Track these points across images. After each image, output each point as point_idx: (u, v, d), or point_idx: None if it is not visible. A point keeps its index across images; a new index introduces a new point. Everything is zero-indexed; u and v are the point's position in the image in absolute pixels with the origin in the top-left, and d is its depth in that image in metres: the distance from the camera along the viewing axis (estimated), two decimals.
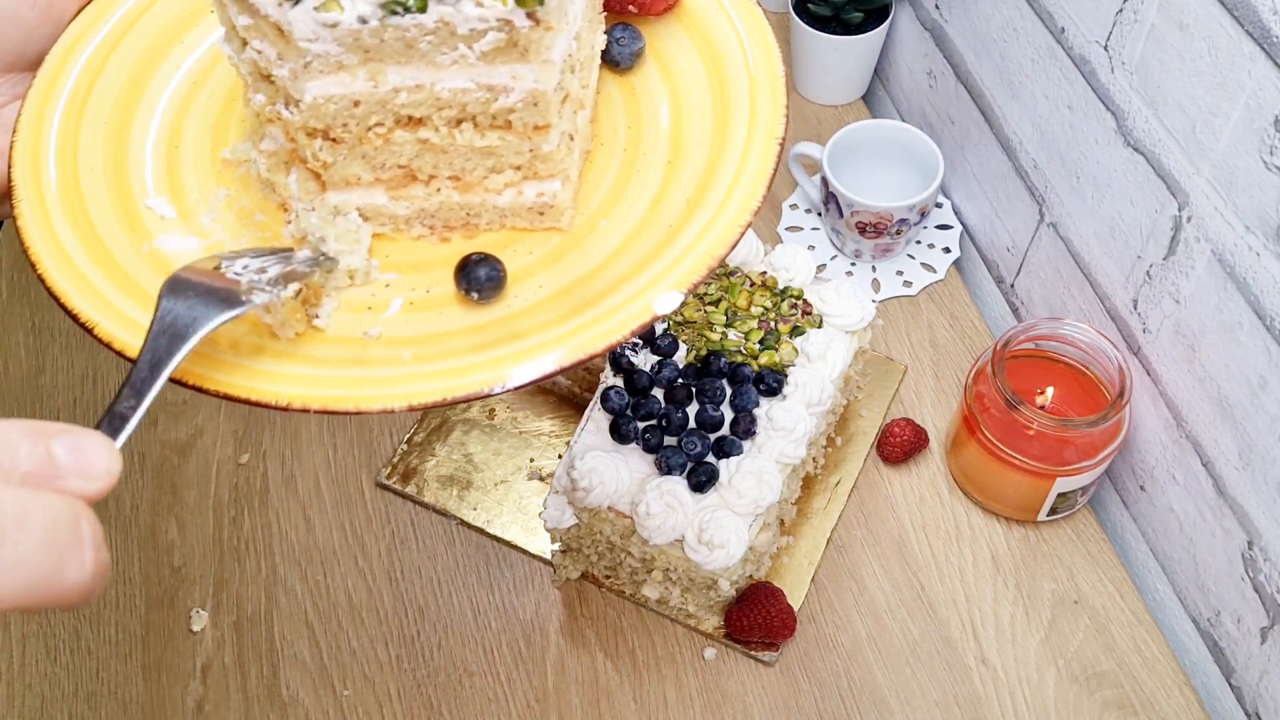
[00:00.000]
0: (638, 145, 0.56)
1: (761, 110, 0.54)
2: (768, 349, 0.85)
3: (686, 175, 0.53)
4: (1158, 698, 0.83)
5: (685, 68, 0.58)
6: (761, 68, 0.56)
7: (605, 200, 0.54)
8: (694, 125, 0.55)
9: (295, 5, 0.44)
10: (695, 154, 0.54)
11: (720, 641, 0.86)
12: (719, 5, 0.59)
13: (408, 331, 0.50)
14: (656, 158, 0.55)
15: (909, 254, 1.09)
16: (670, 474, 0.79)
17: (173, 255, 0.52)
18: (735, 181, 0.52)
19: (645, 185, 0.54)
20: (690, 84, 0.57)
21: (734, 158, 0.53)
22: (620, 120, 0.57)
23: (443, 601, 0.89)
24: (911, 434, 0.94)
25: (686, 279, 0.48)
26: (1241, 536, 0.79)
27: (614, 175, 0.55)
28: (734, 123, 0.54)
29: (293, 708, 0.84)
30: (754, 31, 0.58)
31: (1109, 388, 0.87)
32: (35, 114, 0.54)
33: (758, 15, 0.58)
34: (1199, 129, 0.74)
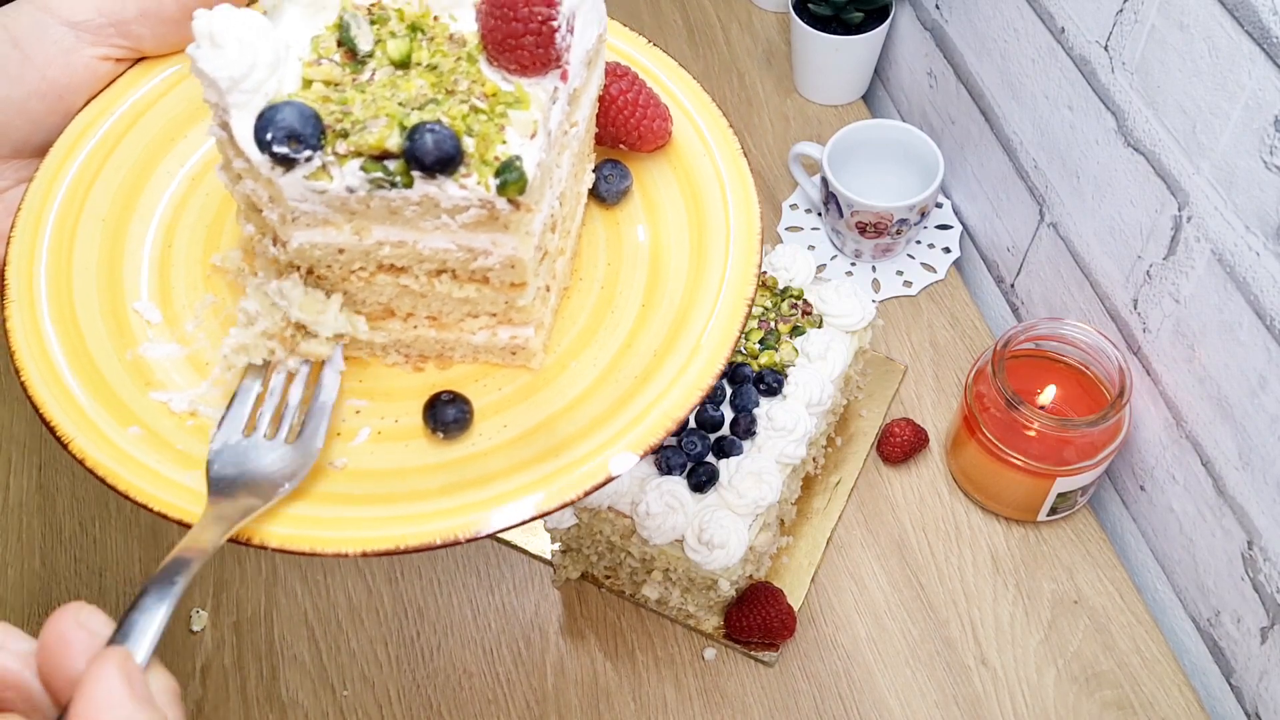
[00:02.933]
0: (615, 284, 0.57)
1: (734, 267, 0.55)
2: (768, 349, 0.85)
3: (657, 323, 0.54)
4: (1158, 698, 0.83)
5: (669, 208, 0.59)
6: (740, 219, 0.58)
7: (577, 340, 0.55)
8: (670, 271, 0.56)
9: (287, 172, 0.45)
10: (668, 301, 0.55)
11: (720, 641, 0.86)
12: (705, 150, 0.60)
13: (373, 464, 0.50)
14: (631, 299, 0.56)
15: (909, 254, 1.09)
16: (670, 474, 0.79)
17: (154, 362, 0.52)
18: (700, 340, 0.53)
19: (618, 328, 0.55)
20: (672, 226, 0.58)
21: (703, 314, 0.54)
22: (601, 256, 0.58)
23: (442, 602, 0.89)
24: (911, 434, 0.94)
25: (644, 441, 0.49)
26: (1241, 536, 0.79)
27: (589, 314, 0.56)
28: (708, 277, 0.55)
29: (292, 709, 0.84)
30: (737, 181, 0.59)
31: (1109, 388, 0.87)
32: (34, 210, 0.54)
33: (741, 166, 0.59)
34: (1199, 129, 0.74)
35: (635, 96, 0.58)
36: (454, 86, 0.47)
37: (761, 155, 1.18)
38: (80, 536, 0.92)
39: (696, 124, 0.61)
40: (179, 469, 0.48)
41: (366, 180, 0.45)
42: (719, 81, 1.24)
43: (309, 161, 0.45)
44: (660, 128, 0.59)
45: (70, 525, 0.93)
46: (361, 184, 0.46)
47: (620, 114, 0.58)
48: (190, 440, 0.50)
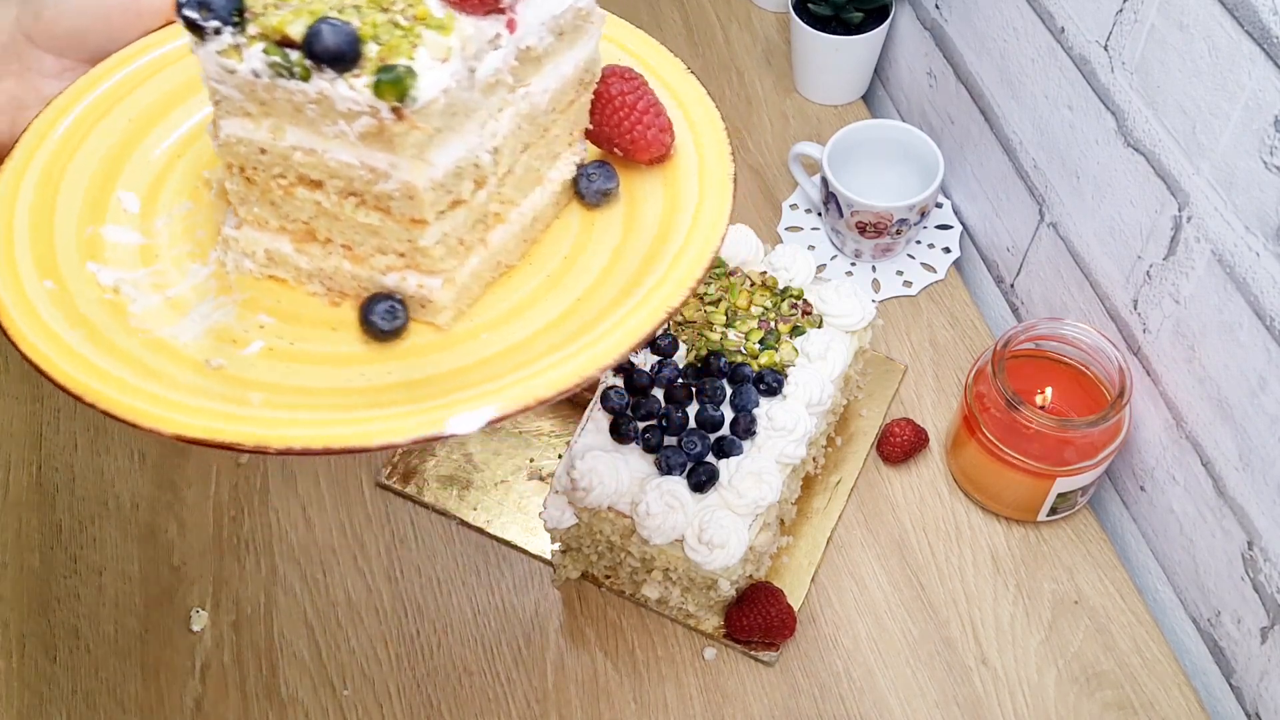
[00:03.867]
0: (562, 277, 0.56)
1: (668, 282, 0.53)
2: (768, 349, 0.85)
3: (578, 319, 0.54)
4: (1158, 698, 0.83)
5: (648, 222, 0.58)
6: (697, 241, 0.55)
7: (501, 316, 0.55)
8: (619, 275, 0.56)
9: (201, 44, 0.48)
10: (599, 301, 0.54)
11: (720, 641, 0.86)
12: (697, 168, 0.59)
13: (252, 375, 0.51)
14: (571, 292, 0.55)
15: (909, 254, 1.09)
16: (670, 474, 0.79)
17: (109, 242, 0.55)
18: (598, 340, 0.51)
19: (543, 314, 0.54)
20: (643, 238, 0.57)
21: (616, 320, 0.52)
22: (562, 250, 0.58)
23: (442, 601, 0.89)
24: (911, 434, 0.94)
25: (500, 406, 0.48)
26: (1241, 537, 0.79)
27: (523, 296, 0.56)
28: (641, 285, 0.54)
29: (292, 707, 0.84)
30: (713, 204, 0.57)
31: (1109, 388, 0.87)
32: (66, 101, 0.58)
33: (725, 192, 0.57)
34: (1199, 129, 0.74)
35: (635, 101, 0.57)
36: (390, 5, 0.48)
37: (761, 155, 1.18)
38: (79, 534, 0.92)
39: (699, 139, 0.60)
40: (68, 327, 0.50)
41: (268, 65, 0.47)
42: (718, 81, 1.24)
43: (219, 35, 0.47)
44: (655, 139, 0.58)
45: (69, 523, 0.93)
46: (264, 69, 0.47)
47: (615, 115, 0.57)
48: (96, 308, 0.51)
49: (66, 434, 0.98)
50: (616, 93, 0.57)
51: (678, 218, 0.57)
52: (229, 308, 0.54)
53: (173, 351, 0.51)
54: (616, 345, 0.50)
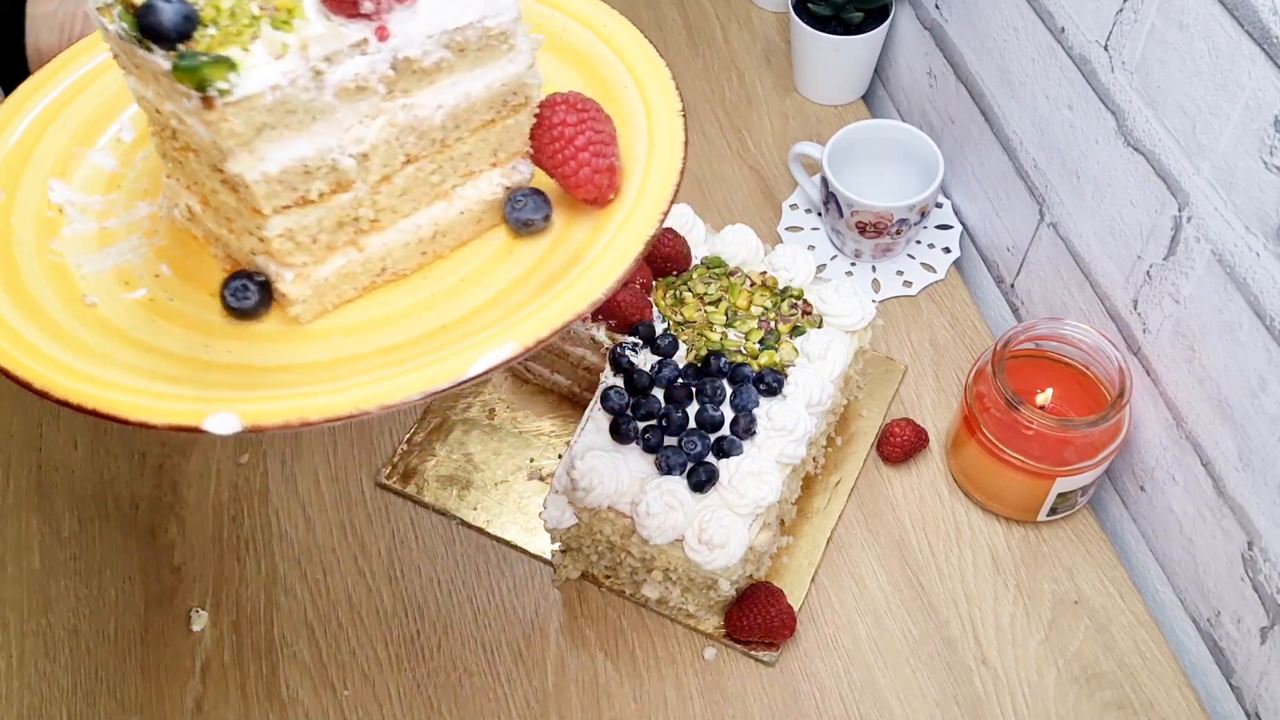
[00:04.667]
0: (452, 297, 0.55)
1: (543, 312, 0.50)
2: (768, 349, 0.85)
3: (441, 340, 0.52)
4: (1158, 698, 0.83)
5: (565, 254, 0.55)
6: (581, 286, 0.52)
7: (364, 323, 0.54)
8: (506, 304, 0.53)
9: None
10: (474, 325, 0.52)
11: (720, 641, 0.86)
12: (625, 220, 0.54)
13: (119, 322, 0.52)
14: (450, 313, 0.54)
15: (909, 254, 1.09)
16: (670, 474, 0.79)
17: (86, 166, 0.57)
18: (436, 362, 0.49)
19: (410, 329, 0.53)
20: (549, 269, 0.55)
21: (469, 345, 0.50)
22: (461, 271, 0.56)
23: (442, 601, 0.89)
24: (911, 434, 0.94)
25: (255, 418, 0.47)
26: (1241, 537, 0.79)
27: (400, 308, 0.54)
28: (516, 314, 0.51)
29: (292, 707, 0.84)
30: (620, 247, 0.53)
31: (1109, 388, 0.87)
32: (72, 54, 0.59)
33: (633, 252, 0.53)
34: (1199, 129, 0.74)
35: (575, 135, 0.54)
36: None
37: (761, 155, 1.18)
38: (79, 534, 0.92)
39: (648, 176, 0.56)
40: None
41: (122, 30, 0.47)
42: (718, 81, 1.24)
43: None
44: (588, 179, 0.54)
45: (69, 523, 0.93)
46: (120, 32, 0.47)
47: (552, 145, 0.55)
48: (27, 221, 0.54)
49: (66, 434, 0.98)
50: (558, 122, 0.55)
51: (589, 252, 0.54)
52: (143, 250, 0.55)
53: (65, 281, 0.52)
54: (448, 372, 0.48)
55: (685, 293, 0.88)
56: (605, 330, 0.87)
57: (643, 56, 0.60)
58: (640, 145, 0.57)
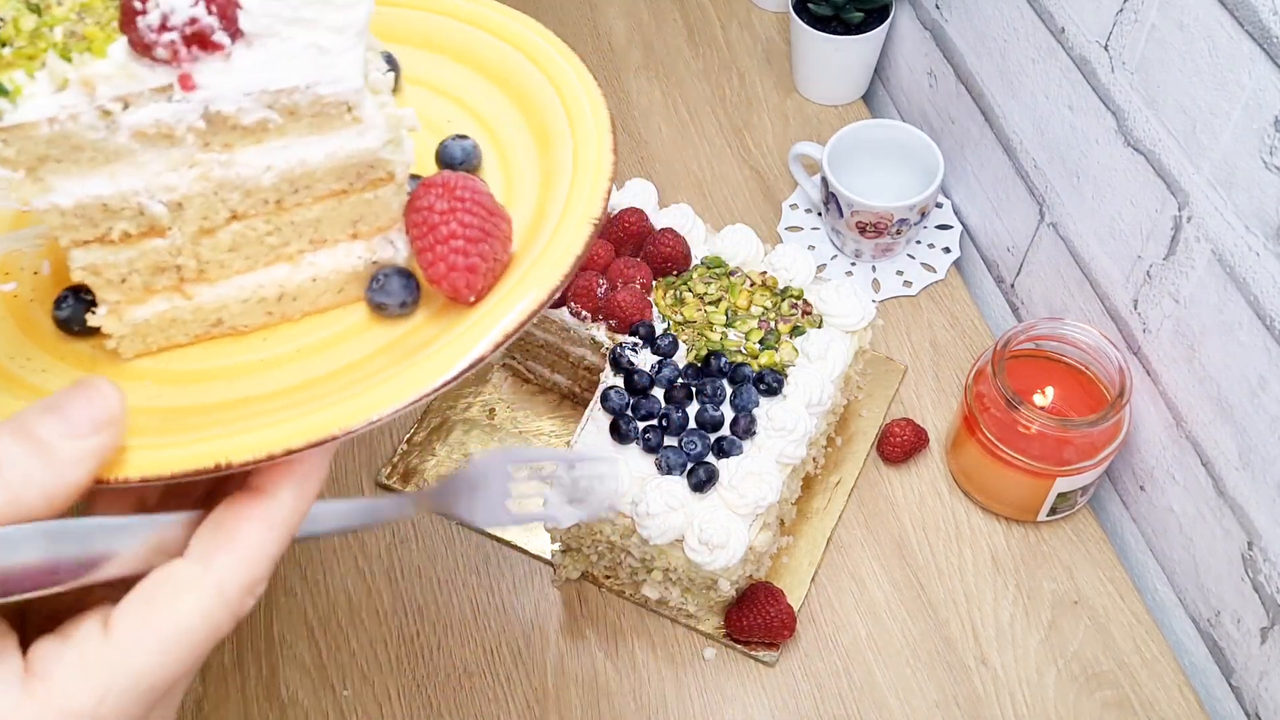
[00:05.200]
0: (282, 364, 0.50)
1: (309, 407, 0.46)
2: (768, 349, 0.85)
3: (248, 411, 0.47)
4: (1158, 698, 0.83)
5: (414, 342, 0.50)
6: (400, 385, 0.46)
7: (181, 374, 0.50)
8: (337, 385, 0.48)
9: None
10: (291, 400, 0.47)
11: (720, 641, 0.86)
12: (488, 312, 0.48)
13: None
14: (270, 383, 0.49)
15: (909, 254, 1.09)
16: (670, 474, 0.79)
17: None
18: (204, 440, 0.45)
19: (222, 392, 0.49)
20: (397, 353, 0.50)
21: (266, 423, 0.45)
22: (305, 340, 0.52)
23: (442, 601, 0.89)
24: (911, 434, 0.94)
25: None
26: (1241, 536, 0.79)
27: (221, 365, 0.51)
28: (332, 395, 0.47)
29: (292, 708, 0.84)
30: (468, 343, 0.47)
31: (1109, 388, 0.87)
32: None
33: (470, 352, 0.47)
34: (1199, 129, 0.74)
35: (440, 222, 0.48)
36: (87, 15, 0.45)
37: (761, 155, 1.18)
38: None
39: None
40: None
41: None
42: (718, 81, 1.24)
43: None
44: (445, 276, 0.48)
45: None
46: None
47: (417, 230, 0.49)
48: None
49: None
50: (424, 206, 0.49)
51: (439, 340, 0.48)
52: (41, 243, 0.53)
53: None
54: (235, 449, 0.43)
55: (685, 293, 0.88)
56: (605, 330, 0.87)
57: (581, 91, 0.56)
58: (553, 211, 0.52)
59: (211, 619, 0.40)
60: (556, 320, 0.90)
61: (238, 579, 0.41)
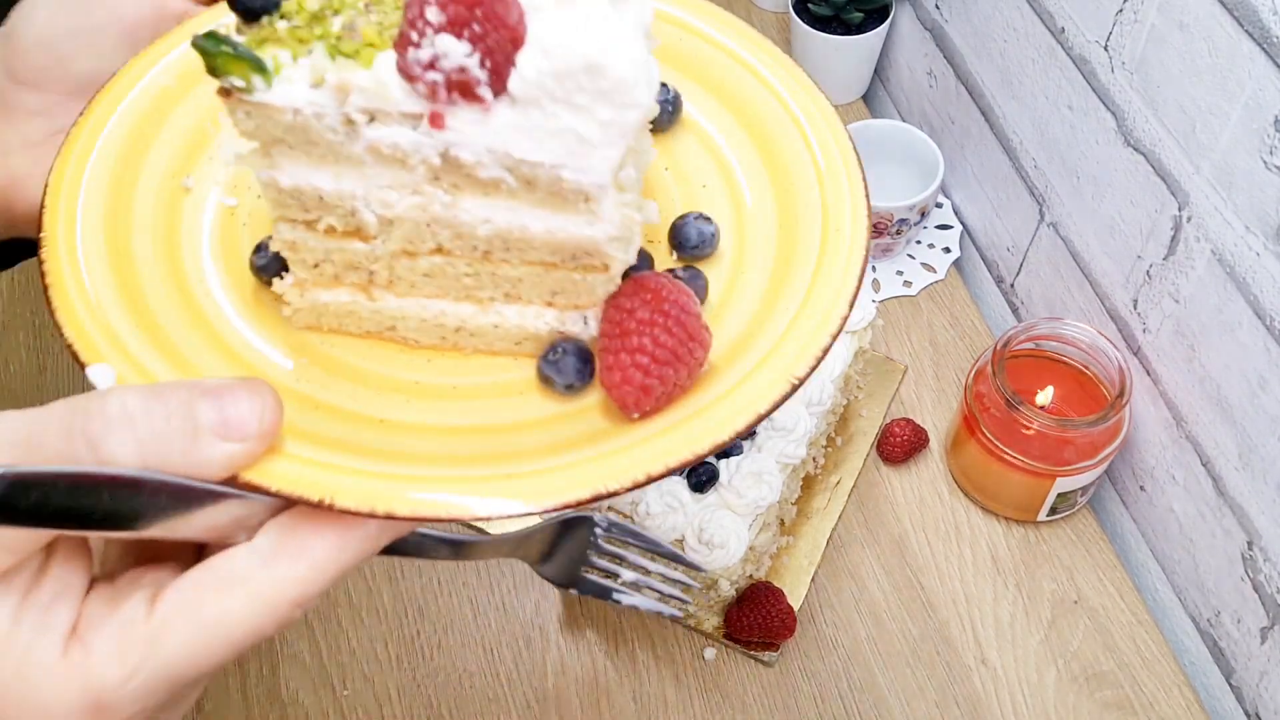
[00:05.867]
0: (429, 396, 0.50)
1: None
2: None
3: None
4: (1158, 698, 0.83)
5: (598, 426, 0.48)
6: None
7: (341, 364, 0.51)
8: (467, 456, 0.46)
9: None
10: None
11: (720, 641, 0.86)
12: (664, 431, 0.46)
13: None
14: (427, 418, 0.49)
15: (909, 254, 1.09)
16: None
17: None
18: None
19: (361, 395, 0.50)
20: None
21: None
22: (462, 380, 0.51)
23: (442, 601, 0.89)
24: (911, 434, 0.94)
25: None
26: (1241, 536, 0.79)
27: (385, 370, 0.51)
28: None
29: (292, 707, 0.84)
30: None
31: (1109, 388, 0.87)
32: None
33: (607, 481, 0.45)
34: (1199, 129, 0.74)
35: (631, 331, 0.46)
36: (374, 9, 0.44)
37: None
38: None
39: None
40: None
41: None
42: None
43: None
44: (616, 387, 0.45)
45: None
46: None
47: (606, 325, 0.48)
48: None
49: None
50: (623, 306, 0.47)
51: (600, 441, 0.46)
52: None
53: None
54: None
55: None
56: None
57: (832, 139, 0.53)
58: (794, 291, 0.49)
59: (256, 621, 0.38)
60: None
61: (294, 590, 0.38)
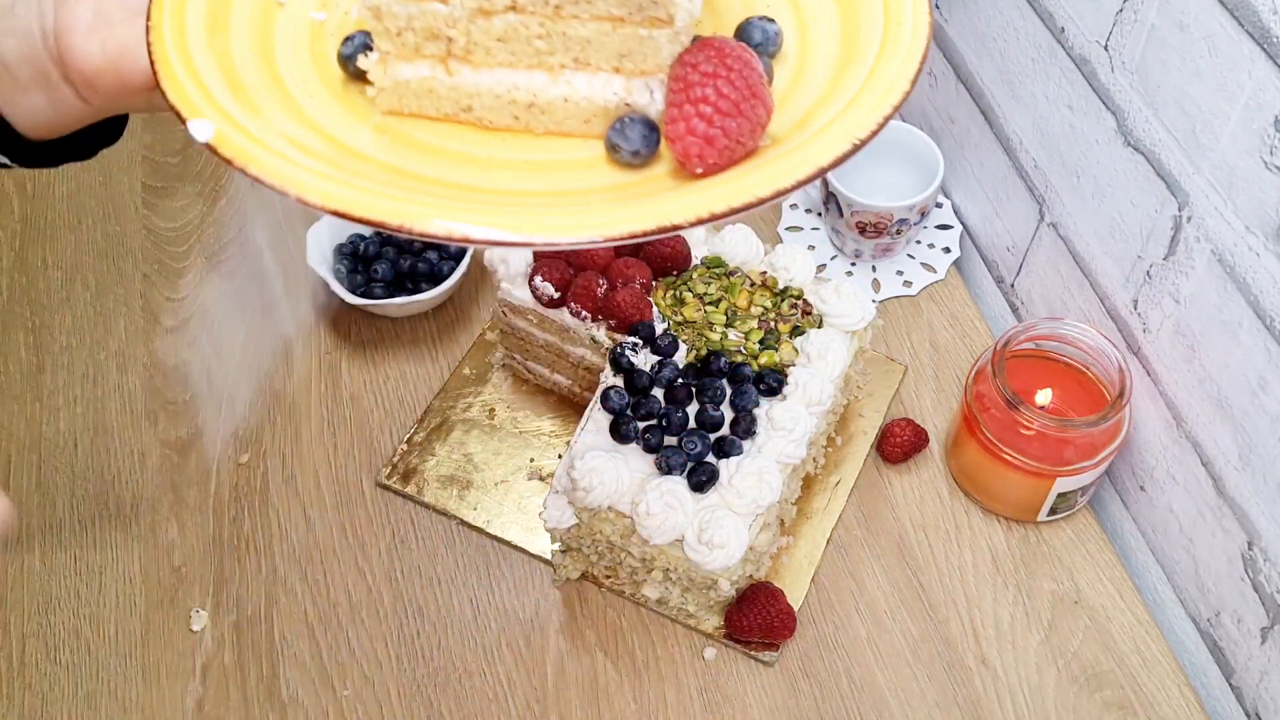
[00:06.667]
0: (502, 168, 0.52)
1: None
2: (768, 349, 0.85)
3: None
4: (1158, 698, 0.83)
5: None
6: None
7: (420, 143, 0.53)
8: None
9: None
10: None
11: (720, 641, 0.86)
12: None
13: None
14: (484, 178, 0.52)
15: (909, 254, 1.09)
16: (670, 474, 0.79)
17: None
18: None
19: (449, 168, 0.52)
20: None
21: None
22: (529, 156, 0.53)
23: (443, 601, 0.89)
24: (911, 434, 0.94)
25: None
26: (1241, 536, 0.79)
27: (461, 147, 0.53)
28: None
29: (292, 707, 0.84)
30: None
31: (1109, 388, 0.87)
32: None
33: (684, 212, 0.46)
34: (1199, 129, 0.74)
35: (695, 84, 0.46)
36: None
37: None
38: (79, 535, 0.92)
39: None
40: None
41: None
42: None
43: None
44: (681, 138, 0.46)
45: (69, 523, 0.93)
46: None
47: (673, 84, 0.48)
48: None
49: (66, 434, 0.98)
50: (688, 62, 0.47)
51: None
52: None
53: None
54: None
55: (685, 293, 0.88)
56: (605, 330, 0.87)
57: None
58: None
59: None
60: (556, 320, 0.90)
61: None
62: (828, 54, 0.53)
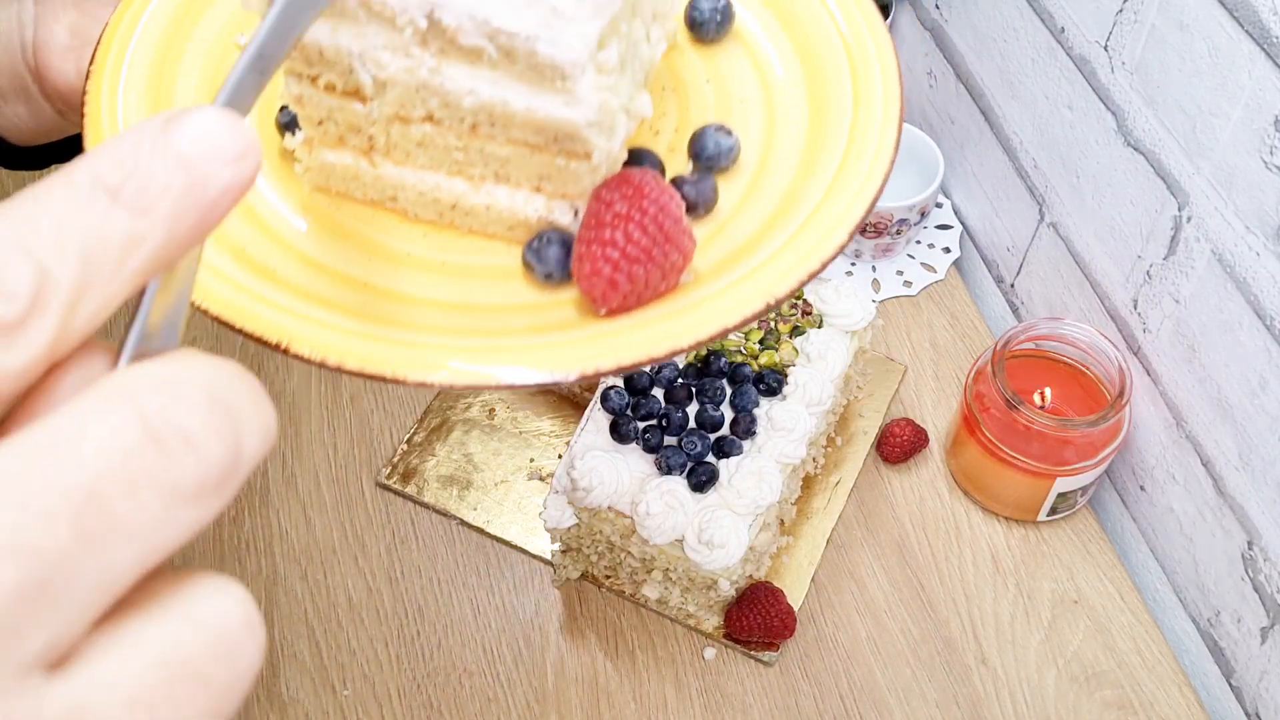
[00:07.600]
0: (419, 269, 0.52)
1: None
2: (768, 349, 0.85)
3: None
4: (1158, 698, 0.83)
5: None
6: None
7: (345, 229, 0.53)
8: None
9: None
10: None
11: (720, 641, 0.86)
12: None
13: None
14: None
15: (909, 254, 1.09)
16: (670, 474, 0.79)
17: None
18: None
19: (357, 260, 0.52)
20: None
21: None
22: (449, 258, 0.52)
23: (442, 601, 0.89)
24: (911, 434, 0.94)
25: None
26: (1241, 536, 0.79)
27: (384, 238, 0.53)
28: None
29: (292, 707, 0.84)
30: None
31: (1109, 388, 0.87)
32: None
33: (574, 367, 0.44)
34: (1199, 129, 0.74)
35: (605, 223, 0.45)
36: None
37: None
38: None
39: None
40: None
41: None
42: None
43: None
44: (586, 279, 0.45)
45: None
46: None
47: (589, 217, 0.46)
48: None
49: None
50: (607, 199, 0.46)
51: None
52: None
53: None
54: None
55: None
56: None
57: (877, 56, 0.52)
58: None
59: None
60: None
61: None
62: (788, 165, 0.51)
